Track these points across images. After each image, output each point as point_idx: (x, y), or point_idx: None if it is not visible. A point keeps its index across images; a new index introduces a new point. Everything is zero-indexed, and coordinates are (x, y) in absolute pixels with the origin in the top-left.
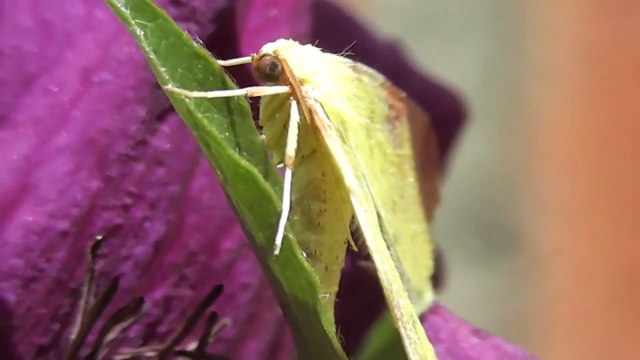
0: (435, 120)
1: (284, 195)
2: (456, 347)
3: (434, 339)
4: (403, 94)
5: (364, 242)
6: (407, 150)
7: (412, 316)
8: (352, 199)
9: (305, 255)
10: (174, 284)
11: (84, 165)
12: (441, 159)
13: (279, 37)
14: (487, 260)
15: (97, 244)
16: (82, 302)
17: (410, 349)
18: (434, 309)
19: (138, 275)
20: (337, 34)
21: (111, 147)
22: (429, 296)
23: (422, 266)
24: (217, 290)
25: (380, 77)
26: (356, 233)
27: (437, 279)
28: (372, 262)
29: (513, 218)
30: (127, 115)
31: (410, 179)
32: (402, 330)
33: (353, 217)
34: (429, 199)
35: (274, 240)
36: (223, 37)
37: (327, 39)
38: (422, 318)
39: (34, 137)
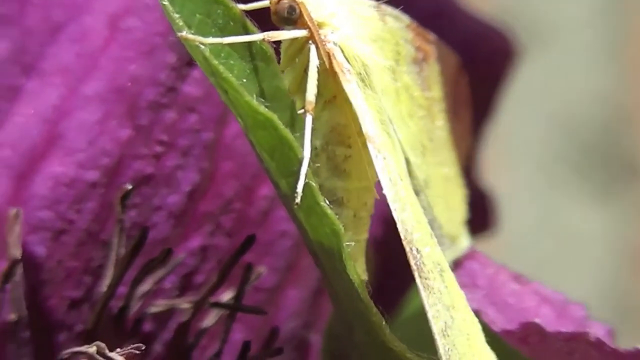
0: (482, 58)
1: (305, 141)
2: (494, 293)
3: (470, 285)
4: (431, 36)
5: None
6: (436, 92)
7: (439, 264)
8: (370, 145)
9: (332, 202)
10: (209, 233)
11: (114, 114)
12: (490, 99)
13: None
14: (610, 192)
15: (127, 194)
16: (112, 254)
17: (428, 301)
18: (470, 255)
19: (172, 224)
20: None
21: (141, 94)
22: (464, 241)
23: (455, 210)
24: (250, 240)
25: (406, 19)
26: None
27: (485, 222)
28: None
29: (635, 149)
30: (156, 62)
31: (440, 121)
32: (418, 281)
33: None
34: (460, 141)
35: (296, 187)
36: None
37: None
38: (458, 264)
39: (62, 86)
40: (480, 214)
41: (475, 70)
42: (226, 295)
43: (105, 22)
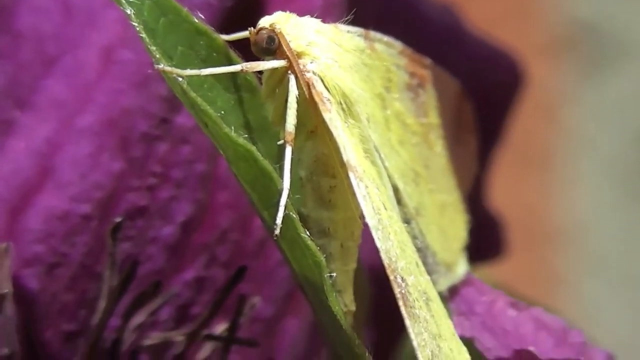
0: (491, 84)
1: (284, 173)
2: (492, 320)
3: (467, 312)
4: (427, 61)
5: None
6: (433, 118)
7: (425, 293)
8: (350, 175)
9: (319, 232)
10: (205, 264)
11: (106, 147)
12: (498, 124)
13: (312, 5)
14: None
15: (117, 227)
16: (105, 287)
17: (413, 330)
18: (468, 281)
19: (167, 256)
20: None
21: (133, 127)
22: (461, 268)
23: (452, 238)
24: (242, 271)
25: (399, 45)
26: None
27: (493, 247)
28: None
29: None
30: (149, 94)
31: (439, 148)
32: (403, 310)
33: None
34: (465, 167)
35: (276, 219)
36: (247, 8)
37: (376, 4)
38: (455, 291)
39: (55, 120)
40: (488, 240)
41: (484, 94)
42: (223, 327)
43: (98, 55)
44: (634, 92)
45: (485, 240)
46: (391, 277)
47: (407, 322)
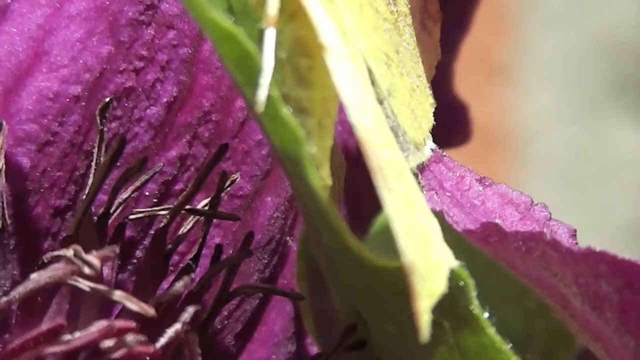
0: None
1: (265, 53)
2: (460, 195)
3: (437, 187)
4: None
5: None
6: (402, 7)
7: (398, 167)
8: (328, 54)
9: (297, 110)
10: (187, 142)
11: (95, 31)
12: (462, 16)
13: None
14: None
15: (106, 106)
16: (93, 163)
17: (387, 201)
18: (437, 158)
19: (152, 135)
20: None
21: (121, 12)
22: (430, 147)
23: (421, 119)
24: (224, 148)
25: None
26: None
27: (458, 133)
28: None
29: None
30: None
31: (407, 35)
32: (377, 182)
33: None
34: (430, 54)
35: (258, 97)
36: None
37: None
38: (425, 168)
39: (47, 6)
40: (453, 126)
41: None
42: (204, 202)
43: None
44: (591, 1)
45: (449, 124)
46: (366, 152)
47: (382, 192)
